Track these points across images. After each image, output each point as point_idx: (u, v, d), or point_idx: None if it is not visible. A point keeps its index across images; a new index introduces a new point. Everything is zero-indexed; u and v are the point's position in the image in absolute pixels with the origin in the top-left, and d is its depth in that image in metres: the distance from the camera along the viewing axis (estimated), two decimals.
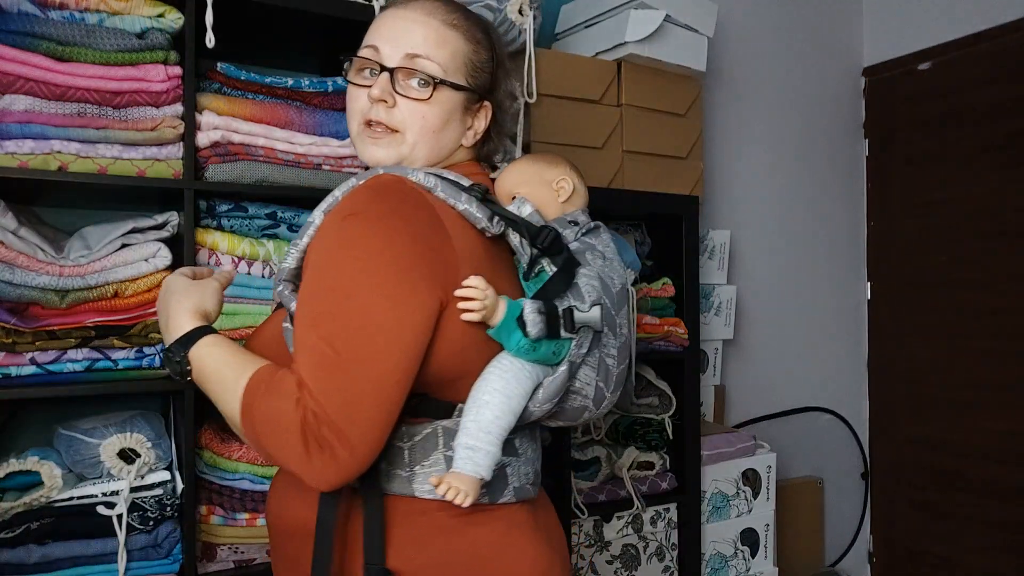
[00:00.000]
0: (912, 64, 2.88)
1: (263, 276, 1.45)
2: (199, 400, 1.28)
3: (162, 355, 0.94)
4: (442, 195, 0.90)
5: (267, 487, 1.39)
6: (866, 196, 3.05)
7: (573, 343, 0.93)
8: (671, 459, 1.98)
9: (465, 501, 0.84)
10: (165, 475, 1.35)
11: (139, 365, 1.35)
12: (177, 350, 0.92)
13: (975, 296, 2.70)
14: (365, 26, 1.03)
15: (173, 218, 1.41)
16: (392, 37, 0.97)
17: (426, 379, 0.88)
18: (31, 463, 1.26)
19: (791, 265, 2.83)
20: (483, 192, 0.94)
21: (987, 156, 2.67)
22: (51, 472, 1.26)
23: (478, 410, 0.88)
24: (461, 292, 0.86)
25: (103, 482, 1.30)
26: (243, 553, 1.43)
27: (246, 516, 1.42)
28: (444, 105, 0.97)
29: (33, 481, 1.27)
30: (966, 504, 2.72)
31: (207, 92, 1.43)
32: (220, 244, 1.41)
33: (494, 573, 0.91)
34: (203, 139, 1.39)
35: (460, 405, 0.91)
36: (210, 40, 1.34)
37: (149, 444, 1.33)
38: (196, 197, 1.38)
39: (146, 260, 1.35)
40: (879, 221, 3.02)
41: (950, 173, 2.78)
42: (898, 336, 2.94)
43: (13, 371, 1.26)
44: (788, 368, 2.82)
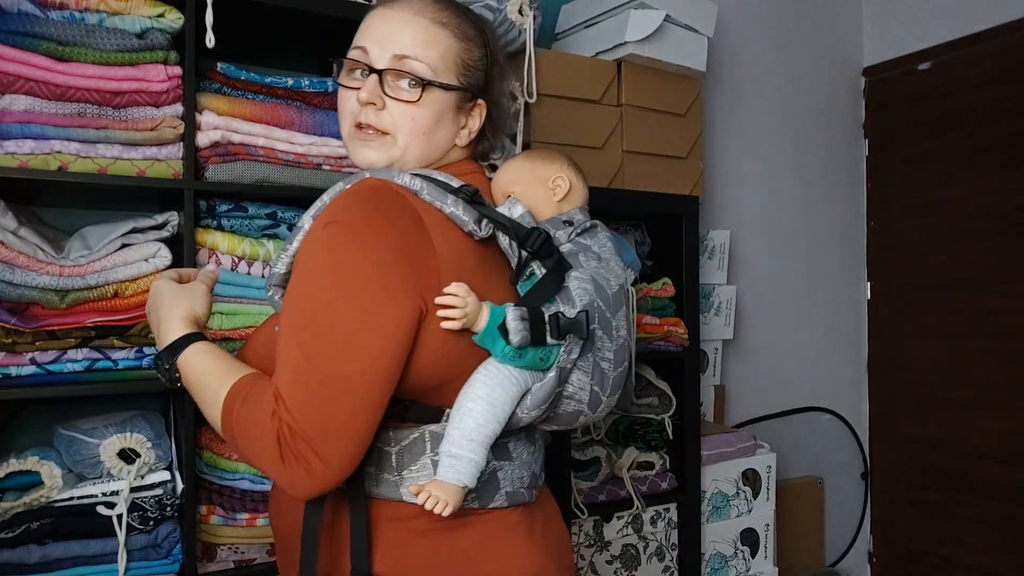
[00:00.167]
0: (912, 64, 2.88)
1: (263, 276, 1.45)
2: None
3: (153, 362, 0.95)
4: (428, 198, 0.88)
5: (267, 487, 1.39)
6: (866, 196, 3.05)
7: (562, 349, 0.90)
8: (671, 459, 1.98)
9: (445, 510, 0.83)
10: (165, 475, 1.35)
11: (139, 365, 1.35)
12: (166, 357, 0.94)
13: (975, 296, 2.70)
14: None
15: (173, 218, 1.41)
16: (380, 38, 0.95)
17: (410, 386, 0.87)
18: (31, 463, 1.26)
19: (791, 265, 2.83)
20: (472, 193, 0.91)
21: (987, 156, 2.67)
22: (51, 472, 1.26)
23: (461, 418, 0.86)
24: (441, 300, 0.85)
25: (103, 482, 1.30)
26: (243, 553, 1.43)
27: (246, 516, 1.42)
28: (434, 106, 0.95)
29: (33, 481, 1.27)
30: (966, 504, 2.72)
31: (207, 92, 1.43)
32: (220, 244, 1.41)
33: (480, 575, 0.90)
34: (203, 139, 1.39)
35: (448, 410, 0.90)
36: (210, 40, 1.34)
37: (149, 444, 1.33)
38: (196, 197, 1.38)
39: (146, 260, 1.35)
40: (879, 221, 3.02)
41: (950, 173, 2.78)
42: (898, 336, 2.94)
43: (13, 371, 1.26)
44: (788, 368, 2.82)
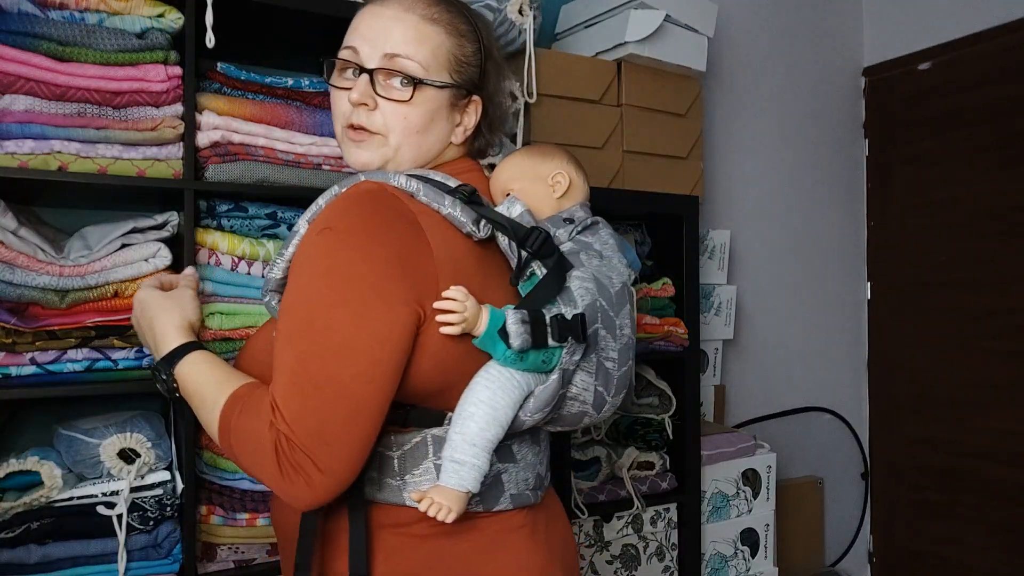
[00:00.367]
0: (912, 64, 2.88)
1: (263, 276, 1.45)
2: None
3: (151, 374, 0.95)
4: (424, 199, 0.87)
5: (267, 487, 1.39)
6: (866, 196, 3.05)
7: (564, 350, 0.88)
8: (671, 459, 1.98)
9: (448, 517, 0.82)
10: (165, 475, 1.35)
11: (139, 365, 1.35)
12: (163, 368, 0.93)
13: (975, 296, 2.70)
14: None
15: (173, 218, 1.41)
16: (370, 37, 0.94)
17: (410, 391, 0.86)
18: (31, 463, 1.26)
19: (791, 265, 2.83)
20: (469, 193, 0.90)
21: (987, 156, 2.67)
22: (51, 472, 1.26)
23: (463, 422, 0.85)
24: (439, 305, 0.83)
25: (103, 482, 1.30)
26: (243, 553, 1.43)
27: (246, 516, 1.41)
28: (427, 105, 0.94)
29: (33, 481, 1.27)
30: (966, 504, 2.72)
31: (207, 92, 1.43)
32: (220, 244, 1.41)
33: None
34: (203, 139, 1.39)
35: (450, 414, 0.88)
36: (210, 40, 1.34)
37: (149, 444, 1.33)
38: (196, 197, 1.38)
39: (146, 260, 1.35)
40: (879, 221, 3.02)
41: (950, 173, 2.78)
42: (898, 336, 2.94)
43: (13, 371, 1.26)
44: (788, 368, 2.82)
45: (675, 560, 1.99)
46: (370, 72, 0.92)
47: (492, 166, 1.08)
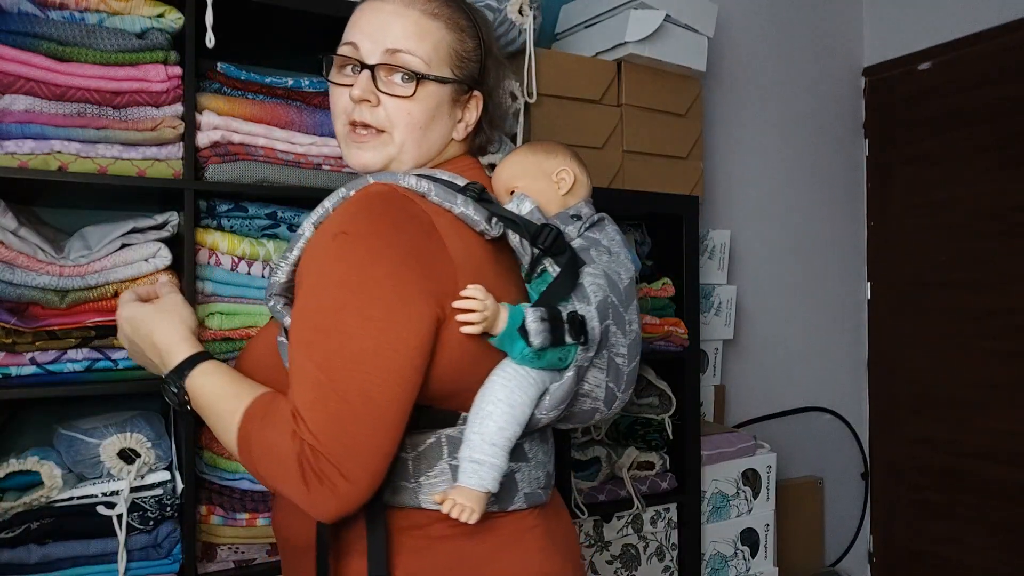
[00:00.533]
0: (912, 64, 2.88)
1: (263, 276, 1.45)
2: None
3: (160, 387, 0.92)
4: (436, 199, 0.86)
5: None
6: (866, 196, 3.05)
7: (579, 348, 0.88)
8: (671, 459, 1.98)
9: (472, 518, 0.81)
10: (165, 475, 1.35)
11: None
12: (173, 380, 0.90)
13: (975, 296, 2.70)
14: None
15: (173, 218, 1.41)
16: (371, 32, 0.92)
17: (428, 393, 0.85)
18: (31, 463, 1.26)
19: (791, 265, 2.83)
20: (479, 191, 0.90)
21: (987, 156, 2.67)
22: (51, 472, 1.26)
23: (482, 422, 0.84)
24: (459, 304, 0.83)
25: (103, 482, 1.30)
26: (243, 553, 1.43)
27: (246, 516, 1.41)
28: (430, 100, 0.93)
29: (33, 481, 1.27)
30: (966, 504, 2.72)
31: (207, 92, 1.43)
32: (220, 244, 1.41)
33: None
34: (203, 139, 1.39)
35: (464, 414, 0.88)
36: (210, 40, 1.34)
37: (149, 444, 1.33)
38: (196, 197, 1.38)
39: (146, 260, 1.35)
40: (879, 221, 3.02)
41: (950, 173, 2.78)
42: (898, 336, 2.94)
43: (13, 371, 1.26)
44: (788, 368, 2.82)
45: (675, 560, 1.99)
46: (371, 68, 0.91)
47: (492, 166, 1.07)
